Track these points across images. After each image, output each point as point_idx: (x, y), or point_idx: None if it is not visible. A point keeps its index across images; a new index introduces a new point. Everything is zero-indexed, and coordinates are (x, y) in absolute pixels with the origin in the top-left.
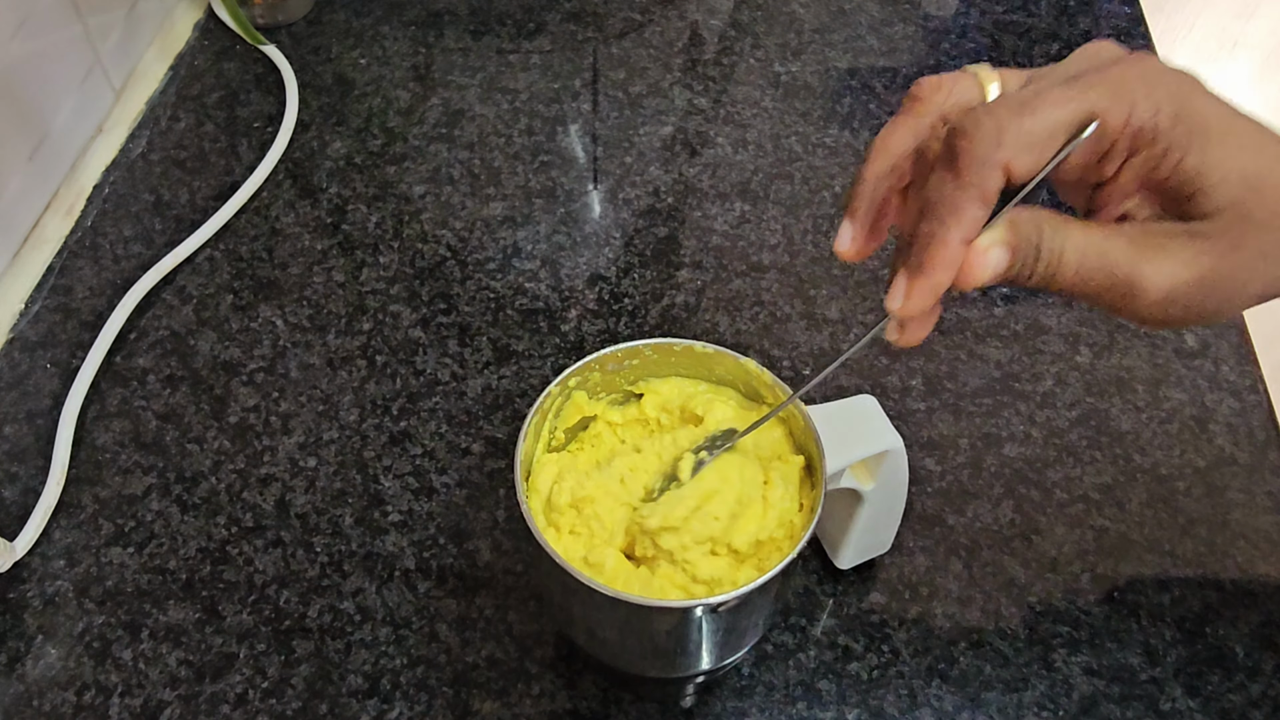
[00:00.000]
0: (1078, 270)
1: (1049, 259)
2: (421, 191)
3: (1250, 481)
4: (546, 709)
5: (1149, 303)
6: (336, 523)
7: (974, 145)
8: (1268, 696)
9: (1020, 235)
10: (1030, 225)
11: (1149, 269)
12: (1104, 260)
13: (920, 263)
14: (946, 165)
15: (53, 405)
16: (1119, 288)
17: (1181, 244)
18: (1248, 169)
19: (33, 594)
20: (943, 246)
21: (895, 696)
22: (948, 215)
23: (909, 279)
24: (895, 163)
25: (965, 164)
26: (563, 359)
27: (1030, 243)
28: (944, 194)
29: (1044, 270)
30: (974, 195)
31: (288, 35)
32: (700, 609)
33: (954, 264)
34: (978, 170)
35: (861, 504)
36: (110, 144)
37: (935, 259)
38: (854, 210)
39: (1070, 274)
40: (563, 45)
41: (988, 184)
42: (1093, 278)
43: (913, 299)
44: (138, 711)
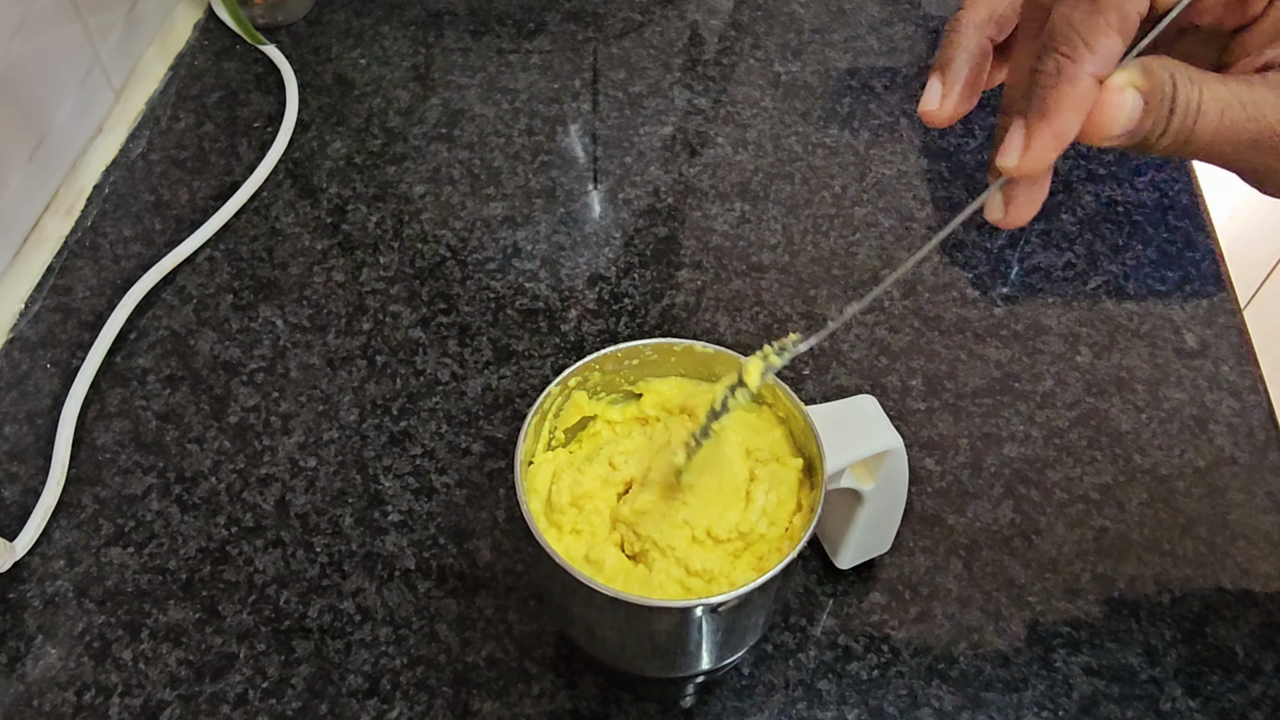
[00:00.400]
0: (1220, 123)
1: (1186, 111)
2: (421, 191)
3: (1250, 481)
4: (546, 709)
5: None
6: (336, 523)
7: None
8: (1268, 696)
9: (1154, 81)
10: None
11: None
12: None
13: (1044, 105)
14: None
15: (53, 405)
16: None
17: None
18: None
19: (33, 594)
20: (1072, 83)
21: (895, 696)
22: (1080, 45)
23: (1029, 125)
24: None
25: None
26: (563, 359)
27: (1165, 91)
28: (1074, 22)
29: (1179, 125)
30: (1113, 21)
31: (288, 35)
32: (700, 609)
33: (1084, 105)
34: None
35: (861, 504)
36: (110, 144)
37: (1063, 98)
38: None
39: (1210, 129)
40: (563, 45)
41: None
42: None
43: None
44: (138, 711)
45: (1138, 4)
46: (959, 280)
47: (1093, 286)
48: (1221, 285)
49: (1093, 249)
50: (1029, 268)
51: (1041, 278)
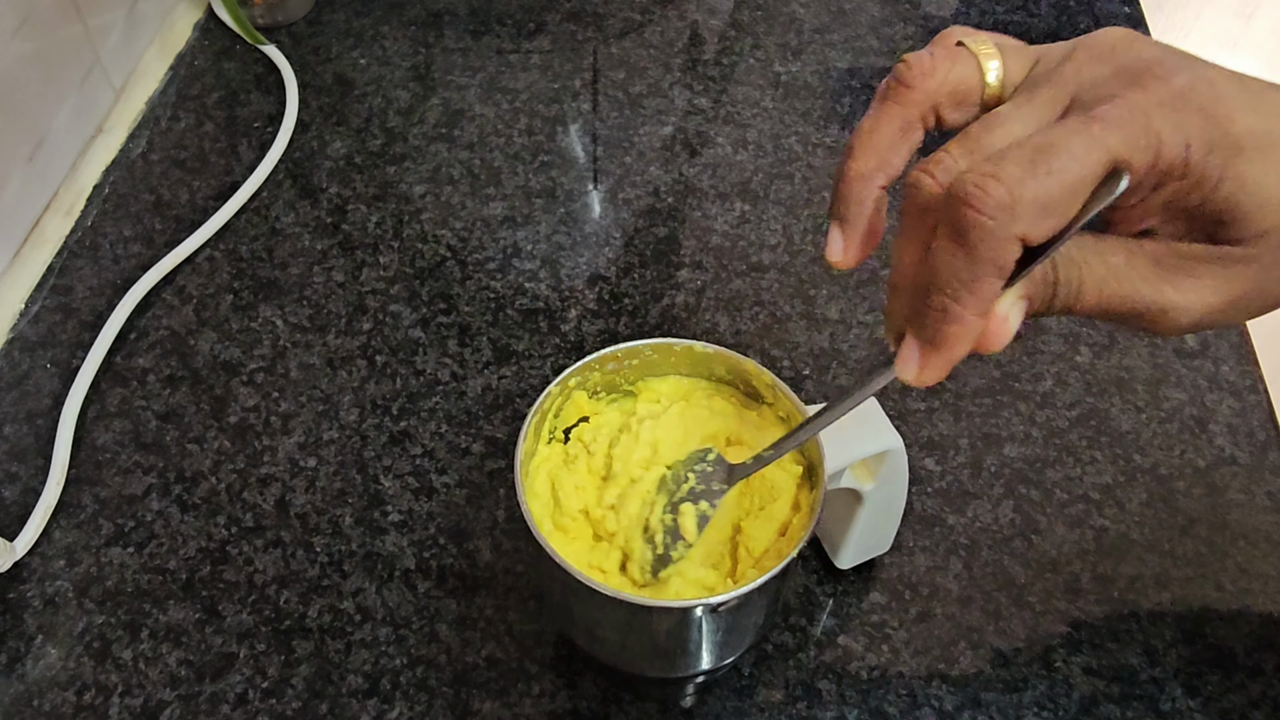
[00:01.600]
0: (1100, 297)
1: (1067, 292)
2: (421, 191)
3: (1250, 481)
4: (546, 709)
5: (1180, 325)
6: (336, 523)
7: (984, 220)
8: (1268, 696)
9: (1034, 280)
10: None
11: (1177, 296)
12: (1125, 288)
13: (934, 338)
14: (954, 237)
15: (53, 405)
16: (1144, 313)
17: (1213, 269)
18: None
19: (33, 594)
20: (959, 323)
21: (895, 696)
22: (963, 292)
23: (923, 353)
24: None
25: (976, 240)
26: (563, 359)
27: (1046, 282)
28: (955, 270)
29: (1062, 303)
30: (989, 271)
31: (288, 35)
32: (700, 609)
33: (972, 337)
34: (991, 247)
35: (861, 504)
36: (110, 144)
37: (951, 336)
38: (841, 215)
39: (1092, 302)
40: (563, 45)
41: (1003, 259)
42: (1115, 306)
43: (928, 371)
44: (138, 711)
45: (1010, 254)
46: None
47: None
48: None
49: None
50: None
51: None
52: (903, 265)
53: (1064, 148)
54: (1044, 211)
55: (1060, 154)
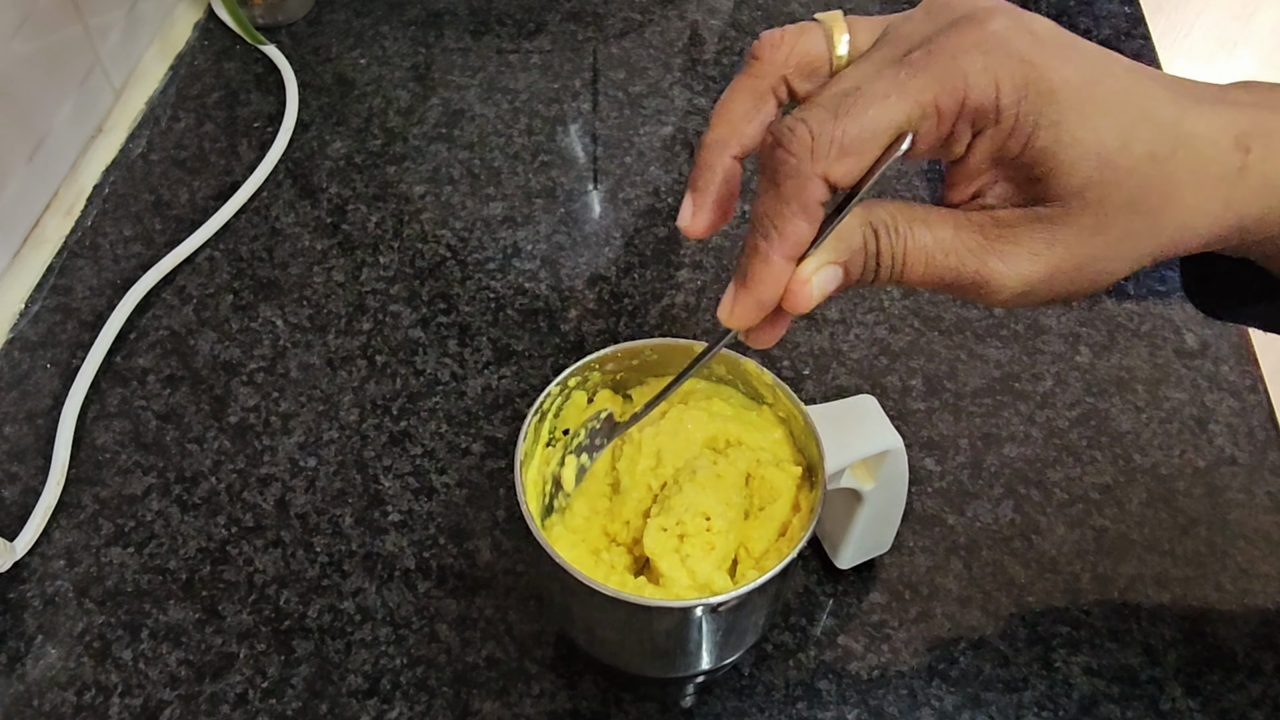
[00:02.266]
0: (925, 268)
1: (892, 263)
2: (421, 191)
3: (1250, 481)
4: (546, 709)
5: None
6: (336, 523)
7: (788, 157)
8: (1268, 696)
9: (850, 248)
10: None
11: (999, 265)
12: (950, 259)
13: (746, 277)
14: (767, 177)
15: (53, 405)
16: (968, 285)
17: (1033, 233)
18: (1106, 144)
19: (33, 594)
20: (765, 263)
21: (895, 696)
22: (770, 230)
23: (736, 291)
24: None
25: (783, 177)
26: (563, 359)
27: (867, 251)
28: (766, 209)
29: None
30: (795, 210)
31: (288, 35)
32: (700, 609)
33: (779, 282)
34: (794, 184)
35: (861, 504)
36: (110, 144)
37: (760, 275)
38: (694, 182)
39: (917, 274)
40: (563, 45)
41: (807, 196)
42: (940, 276)
43: (736, 313)
44: (138, 711)
45: (814, 194)
46: None
47: None
48: None
49: None
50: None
51: None
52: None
53: (868, 92)
54: (842, 151)
55: (863, 98)
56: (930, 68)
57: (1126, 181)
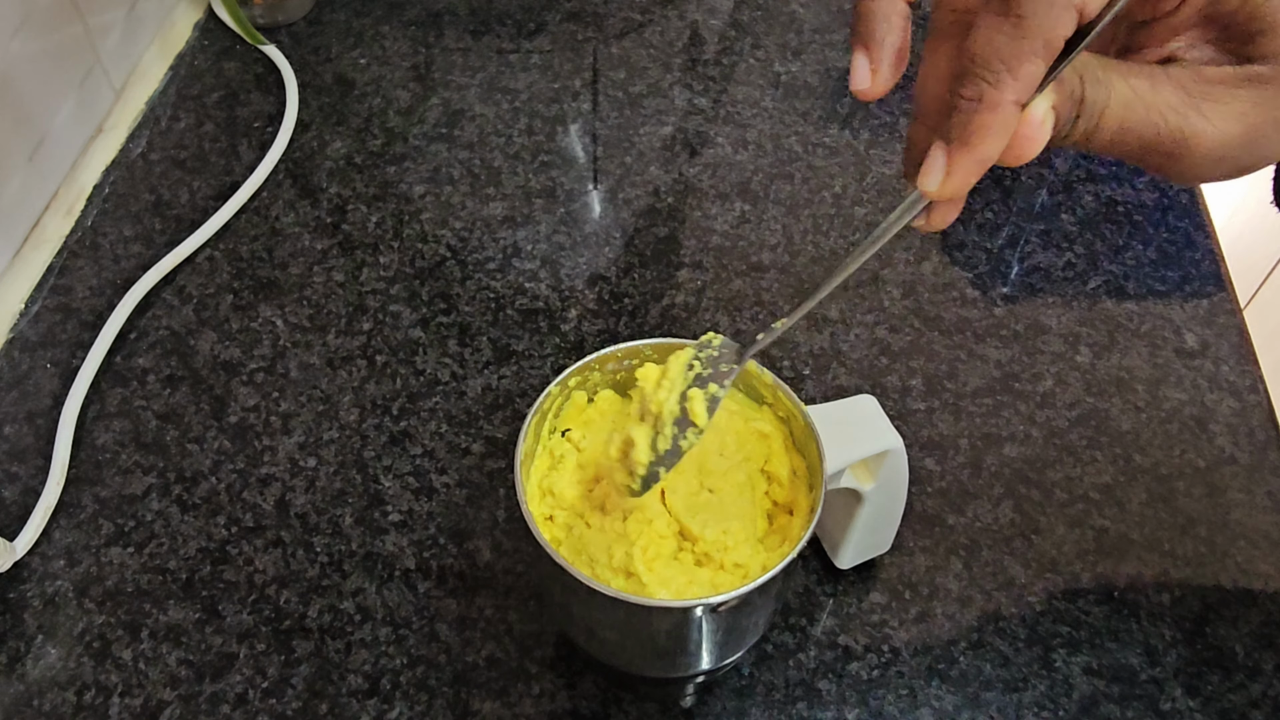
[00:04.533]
0: (1121, 125)
1: (1090, 114)
2: (421, 191)
3: (1250, 481)
4: (546, 709)
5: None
6: (336, 523)
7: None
8: (1268, 696)
9: (1062, 92)
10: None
11: (1200, 122)
12: (1151, 113)
13: (967, 132)
14: (1001, 8)
15: (53, 405)
16: (1165, 143)
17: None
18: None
19: (33, 594)
20: (993, 111)
21: (895, 696)
22: (1003, 73)
23: (950, 153)
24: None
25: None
26: (563, 359)
27: (1072, 98)
28: (997, 46)
29: (1084, 127)
30: (1037, 47)
31: (288, 35)
32: (700, 609)
33: (1006, 132)
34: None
35: (861, 504)
36: (110, 144)
37: (985, 126)
38: (865, 36)
39: (1113, 129)
40: (563, 45)
41: (1056, 29)
42: (1138, 133)
43: (955, 176)
44: (138, 711)
45: (1064, 27)
46: (959, 280)
47: (1093, 286)
48: (1221, 285)
49: (1093, 249)
50: (1029, 268)
51: (1041, 278)
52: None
53: None
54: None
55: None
56: None
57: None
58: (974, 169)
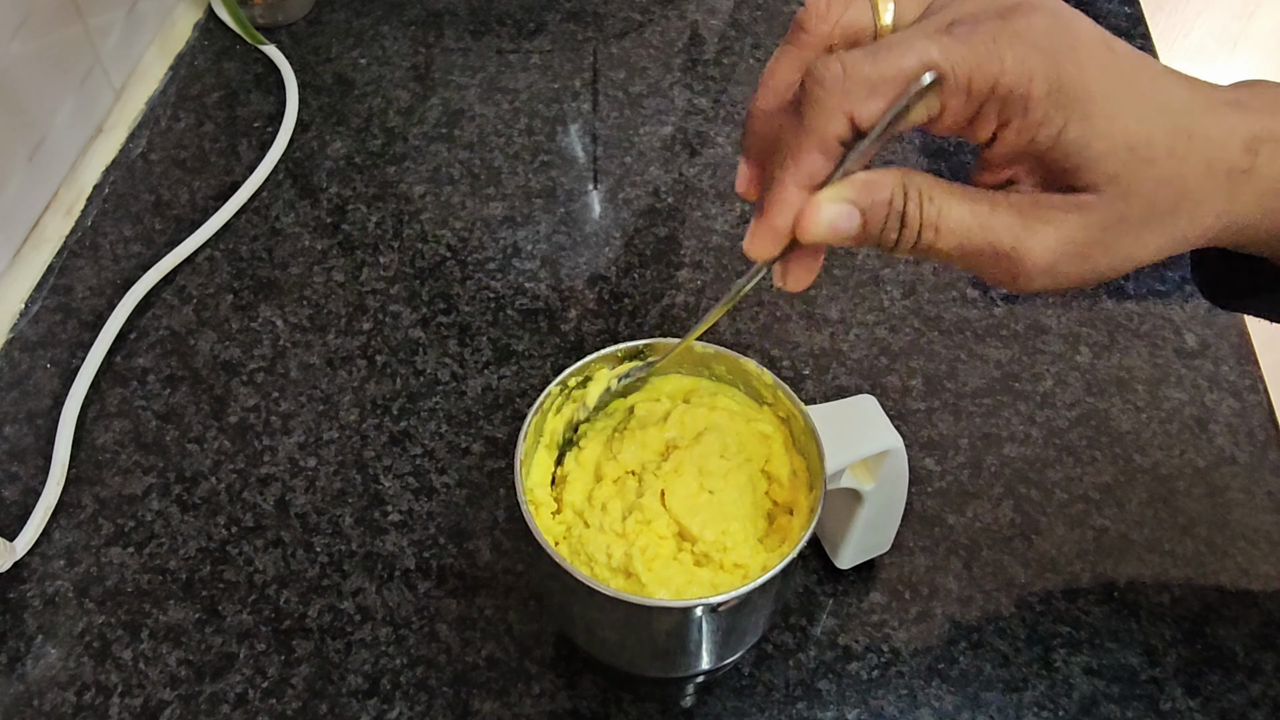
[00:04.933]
0: (960, 240)
1: (919, 229)
2: (421, 191)
3: (1250, 481)
4: (546, 709)
5: (1030, 274)
6: (336, 523)
7: (816, 88)
8: (1268, 696)
9: (875, 199)
10: (896, 189)
11: (1032, 241)
12: (986, 232)
13: (763, 204)
14: (794, 110)
15: (53, 405)
16: (1001, 259)
17: (1065, 216)
18: (1134, 136)
19: (33, 594)
20: (780, 189)
21: (895, 696)
22: (787, 158)
23: (755, 220)
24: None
25: (807, 107)
26: (563, 359)
27: (893, 209)
28: (787, 140)
29: (911, 240)
30: (814, 141)
31: (288, 35)
32: (700, 609)
33: (791, 209)
34: (818, 114)
35: (861, 504)
36: (110, 144)
37: (774, 202)
38: (745, 146)
39: (951, 243)
40: (563, 45)
41: (828, 129)
42: (974, 248)
43: (755, 241)
44: (138, 711)
45: (836, 128)
46: (959, 280)
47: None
48: None
49: None
50: None
51: None
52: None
53: (906, 44)
54: (870, 89)
55: (900, 47)
56: (970, 41)
57: (1149, 173)
58: (770, 237)
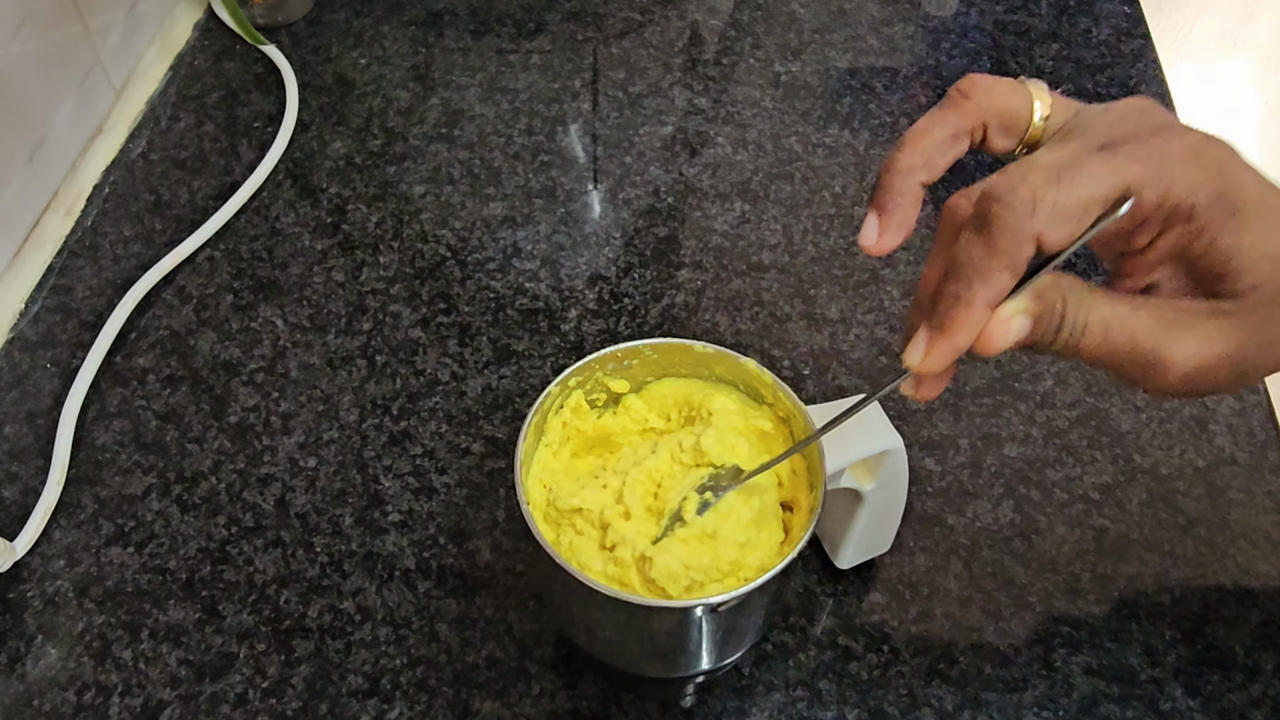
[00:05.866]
0: (1102, 343)
1: (1072, 330)
2: (421, 191)
3: (1250, 481)
4: (546, 709)
5: (1172, 379)
6: (336, 523)
7: (1007, 213)
8: (1268, 696)
9: (1045, 304)
10: (1055, 293)
11: (1175, 347)
12: (1129, 336)
13: (943, 322)
14: (978, 229)
15: (53, 405)
16: (1143, 363)
17: (1208, 323)
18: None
19: (33, 594)
20: (967, 309)
21: (895, 696)
22: (975, 279)
23: (929, 337)
24: (930, 158)
25: (997, 231)
26: (563, 359)
27: (1055, 312)
28: (973, 258)
29: (1066, 340)
30: (1004, 263)
31: (288, 35)
32: (700, 609)
33: (976, 327)
34: (1009, 239)
35: (861, 504)
36: (110, 144)
37: (957, 321)
38: (881, 204)
39: (1094, 346)
40: (563, 45)
41: (1018, 254)
42: (1117, 352)
43: (931, 357)
44: (138, 711)
45: (1025, 250)
46: None
47: None
48: None
49: None
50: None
51: None
52: (929, 280)
53: (1087, 169)
54: (1061, 217)
55: (1082, 172)
56: (1143, 161)
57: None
58: (948, 352)
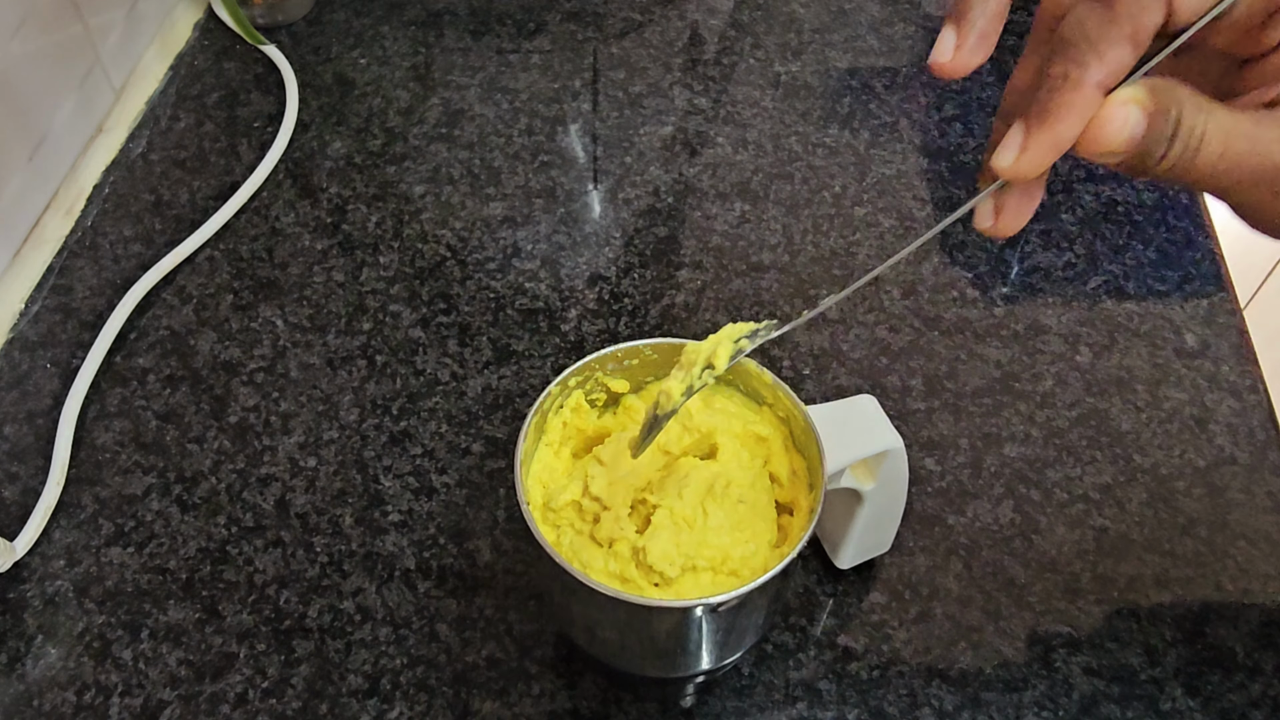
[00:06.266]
0: (1222, 158)
1: (1188, 140)
2: (421, 191)
3: (1250, 481)
4: (546, 709)
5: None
6: (336, 523)
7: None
8: (1268, 696)
9: (1161, 103)
10: (1168, 94)
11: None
12: (1256, 144)
13: (1046, 109)
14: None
15: (53, 405)
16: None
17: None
18: None
19: (33, 594)
20: (1076, 90)
21: (895, 696)
22: (1088, 52)
23: (1028, 127)
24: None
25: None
26: (563, 359)
27: (1170, 115)
28: (1086, 28)
29: (1179, 152)
30: (1125, 32)
31: (288, 35)
32: (700, 609)
33: (1085, 113)
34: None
35: (861, 504)
36: (110, 144)
37: (1064, 104)
38: (963, 12)
39: (1210, 162)
40: (563, 45)
41: (1144, 19)
42: (1240, 166)
43: (1029, 153)
44: (138, 711)
45: (1153, 16)
46: (959, 280)
47: (1093, 286)
48: (1221, 285)
49: (1093, 249)
50: (1029, 268)
51: (1041, 278)
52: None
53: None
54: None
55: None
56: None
57: None
58: (1050, 147)
